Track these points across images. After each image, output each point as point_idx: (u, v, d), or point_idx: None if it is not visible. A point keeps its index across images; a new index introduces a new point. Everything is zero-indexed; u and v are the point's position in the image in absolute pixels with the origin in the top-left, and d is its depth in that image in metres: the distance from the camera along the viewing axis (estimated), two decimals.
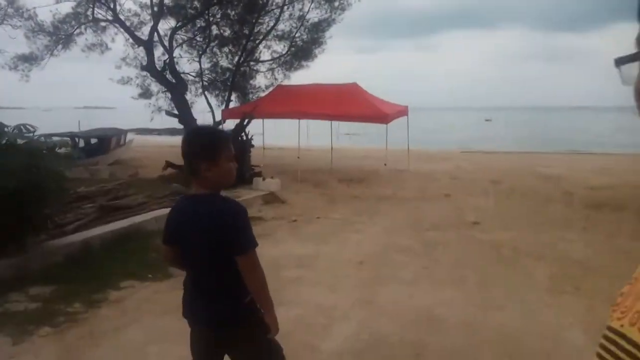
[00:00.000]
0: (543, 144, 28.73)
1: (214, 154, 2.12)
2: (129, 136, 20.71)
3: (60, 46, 17.06)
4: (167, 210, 8.58)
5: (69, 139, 13.73)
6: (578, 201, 10.11)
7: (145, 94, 18.80)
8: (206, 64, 17.95)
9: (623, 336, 0.62)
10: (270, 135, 16.34)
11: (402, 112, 14.55)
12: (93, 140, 17.38)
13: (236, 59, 17.09)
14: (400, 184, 12.67)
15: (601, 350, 0.64)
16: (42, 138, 6.01)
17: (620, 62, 0.56)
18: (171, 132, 37.19)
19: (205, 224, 2.13)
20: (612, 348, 0.63)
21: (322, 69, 19.14)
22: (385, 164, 13.53)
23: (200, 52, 17.17)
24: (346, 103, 13.51)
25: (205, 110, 17.00)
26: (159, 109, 18.89)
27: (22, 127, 5.49)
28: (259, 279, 2.18)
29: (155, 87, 18.30)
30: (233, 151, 2.22)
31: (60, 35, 16.88)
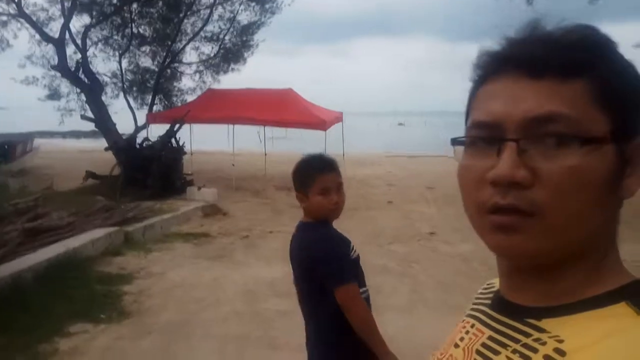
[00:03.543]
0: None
1: (303, 186, 2.07)
2: (36, 142, 18.74)
3: None
4: (103, 231, 7.54)
5: None
6: None
7: (54, 95, 17.20)
8: (125, 64, 16.67)
9: None
10: (195, 139, 15.43)
11: (338, 118, 14.42)
12: None
13: (160, 59, 15.99)
14: None
15: None
16: None
17: (454, 142, 0.63)
18: (76, 135, 34.32)
19: (297, 255, 2.11)
20: None
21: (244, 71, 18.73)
22: None
23: (120, 52, 15.85)
24: (283, 109, 13.09)
25: (116, 111, 15.75)
26: (70, 112, 17.38)
27: None
28: (360, 314, 1.95)
29: (65, 87, 16.78)
30: (332, 183, 2.06)
31: None
